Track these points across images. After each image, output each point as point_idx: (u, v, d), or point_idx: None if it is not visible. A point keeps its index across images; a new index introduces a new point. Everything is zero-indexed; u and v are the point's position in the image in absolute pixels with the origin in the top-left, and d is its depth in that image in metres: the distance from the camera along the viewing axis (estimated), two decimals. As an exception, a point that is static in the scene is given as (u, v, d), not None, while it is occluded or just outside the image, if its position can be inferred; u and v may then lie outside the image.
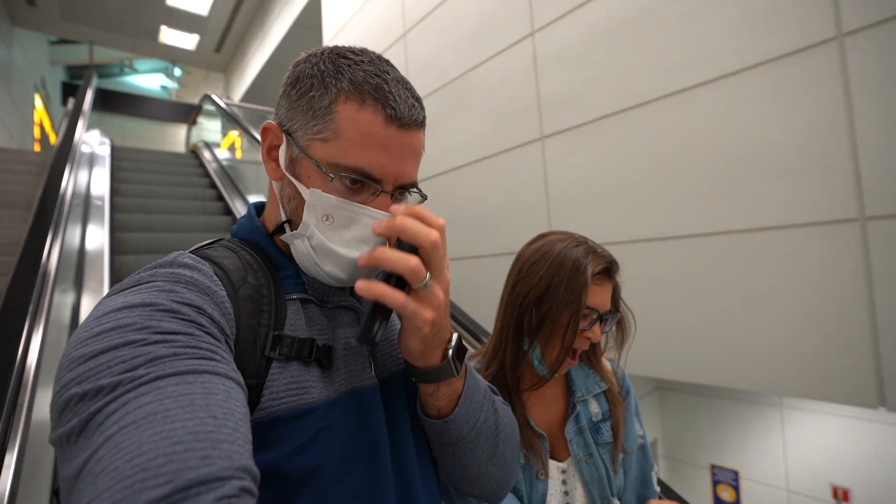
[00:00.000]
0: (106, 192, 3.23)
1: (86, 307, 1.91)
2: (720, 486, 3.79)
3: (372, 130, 0.45)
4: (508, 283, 0.81)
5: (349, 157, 0.46)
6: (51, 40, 9.63)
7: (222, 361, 0.37)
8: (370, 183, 0.47)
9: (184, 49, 8.29)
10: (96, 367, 0.32)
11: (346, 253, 0.47)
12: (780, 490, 3.54)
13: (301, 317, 0.48)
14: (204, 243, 0.51)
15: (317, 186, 0.47)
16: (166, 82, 12.11)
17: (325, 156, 0.46)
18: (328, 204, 0.46)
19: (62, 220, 2.18)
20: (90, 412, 0.30)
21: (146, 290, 0.39)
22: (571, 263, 0.74)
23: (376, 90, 0.45)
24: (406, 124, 0.47)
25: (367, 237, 0.47)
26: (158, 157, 5.03)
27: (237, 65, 8.51)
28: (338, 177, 0.46)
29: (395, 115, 0.46)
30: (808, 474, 3.41)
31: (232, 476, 0.28)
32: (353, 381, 0.49)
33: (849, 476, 3.23)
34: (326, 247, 0.47)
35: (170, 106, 10.64)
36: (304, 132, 0.48)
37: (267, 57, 6.89)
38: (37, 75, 8.80)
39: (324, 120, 0.46)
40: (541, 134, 2.51)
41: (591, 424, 0.80)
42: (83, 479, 0.28)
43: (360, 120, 0.45)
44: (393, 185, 0.48)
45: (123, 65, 11.16)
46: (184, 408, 0.30)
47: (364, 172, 0.46)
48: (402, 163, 0.48)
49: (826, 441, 3.35)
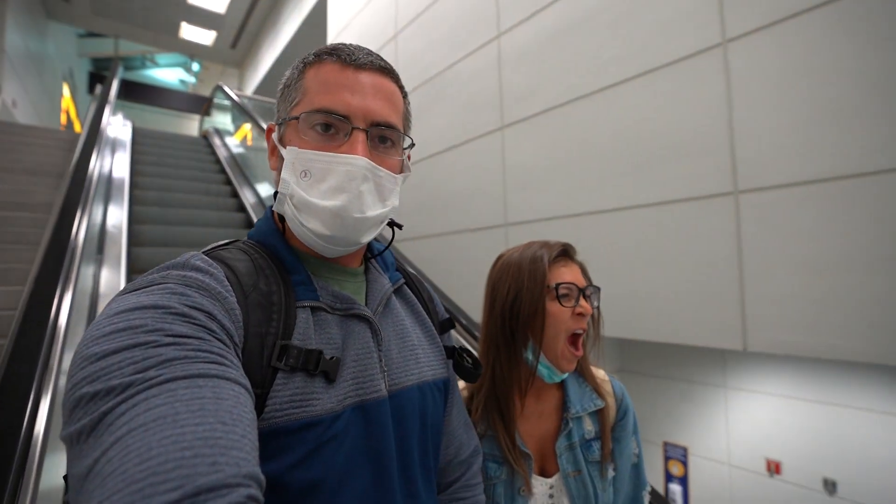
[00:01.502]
0: (127, 161, 3.68)
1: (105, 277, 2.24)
2: (671, 462, 4.07)
3: (330, 77, 0.49)
4: (486, 305, 0.83)
5: (314, 103, 0.49)
6: (79, 33, 10.24)
7: (232, 366, 0.37)
8: (340, 122, 0.49)
9: (202, 44, 8.80)
10: (108, 367, 0.32)
11: (323, 203, 0.47)
12: (723, 465, 3.82)
13: (311, 326, 0.47)
14: (219, 243, 0.51)
15: (296, 143, 0.49)
16: (184, 76, 12.69)
17: (296, 113, 0.50)
18: (304, 158, 0.48)
19: (92, 185, 2.58)
20: (101, 412, 0.31)
21: (158, 291, 0.39)
22: (529, 258, 0.78)
23: (333, 49, 0.51)
24: (362, 65, 0.50)
25: (341, 184, 0.48)
26: (173, 137, 5.50)
27: (251, 60, 9.01)
28: (304, 117, 0.48)
29: (349, 59, 0.50)
30: (747, 449, 3.69)
31: (240, 483, 0.28)
32: (360, 393, 0.48)
33: (780, 450, 3.51)
34: (306, 201, 0.48)
35: (186, 97, 11.20)
36: (283, 111, 0.52)
37: (278, 53, 7.34)
38: (66, 66, 9.40)
39: (295, 89, 0.51)
40: (501, 124, 2.86)
41: (582, 441, 0.79)
42: (92, 480, 0.28)
43: (321, 72, 0.50)
44: (364, 122, 0.49)
45: (145, 58, 11.76)
46: (193, 412, 0.30)
47: (328, 109, 0.48)
48: (367, 99, 0.49)
49: (762, 418, 3.63)
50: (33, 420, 0.99)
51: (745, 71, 1.81)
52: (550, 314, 0.75)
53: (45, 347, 1.19)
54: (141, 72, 12.49)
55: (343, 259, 0.55)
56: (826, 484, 3.31)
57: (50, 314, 1.33)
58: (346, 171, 0.48)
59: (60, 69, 8.88)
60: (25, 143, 4.04)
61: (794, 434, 3.46)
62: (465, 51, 3.18)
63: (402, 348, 0.55)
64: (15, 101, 5.97)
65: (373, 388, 0.49)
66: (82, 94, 10.56)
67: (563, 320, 0.75)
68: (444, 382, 0.60)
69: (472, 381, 0.61)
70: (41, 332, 1.23)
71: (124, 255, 2.40)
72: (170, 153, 4.76)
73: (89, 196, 2.28)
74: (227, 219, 3.66)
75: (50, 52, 7.96)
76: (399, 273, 0.63)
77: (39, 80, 7.29)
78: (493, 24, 2.95)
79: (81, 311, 1.70)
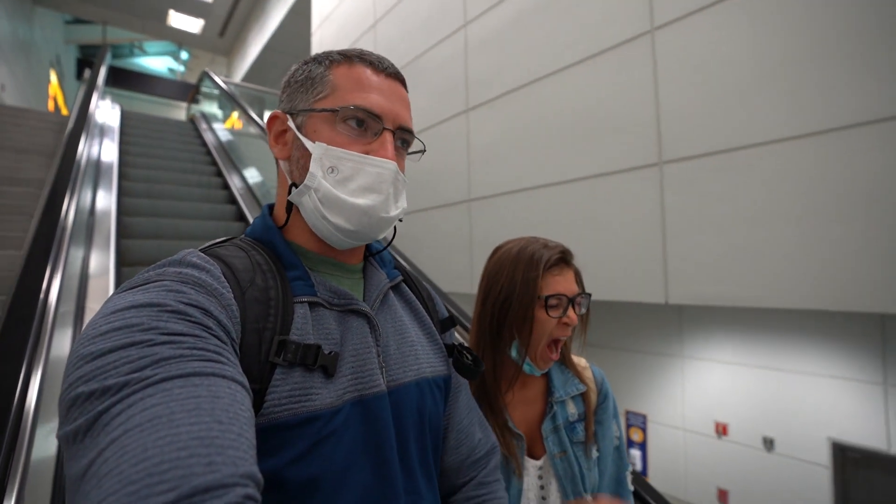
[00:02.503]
0: (116, 140, 3.84)
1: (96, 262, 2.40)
2: (632, 429, 4.36)
3: (364, 77, 0.51)
4: (479, 296, 0.86)
5: (349, 100, 0.50)
6: (66, 20, 10.25)
7: (228, 364, 0.37)
8: (372, 121, 0.51)
9: (190, 32, 8.87)
10: (103, 367, 0.32)
11: (352, 201, 0.49)
12: (678, 429, 4.11)
13: (309, 321, 0.48)
14: (216, 241, 0.52)
15: (324, 137, 0.50)
16: (173, 65, 12.71)
17: (328, 106, 0.51)
18: (333, 155, 0.49)
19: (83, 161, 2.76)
20: (96, 412, 0.31)
21: (154, 289, 0.39)
22: (526, 261, 0.80)
23: (361, 54, 0.53)
24: (392, 74, 0.53)
25: (371, 184, 0.50)
26: (161, 120, 5.64)
27: (239, 49, 9.10)
28: (342, 111, 0.50)
29: (381, 66, 0.53)
30: (699, 414, 3.98)
31: (236, 483, 0.28)
32: (360, 388, 0.48)
33: (728, 413, 3.80)
34: (333, 196, 0.49)
35: (173, 85, 11.26)
36: (305, 101, 0.52)
37: (265, 41, 7.47)
38: (53, 52, 9.42)
39: (322, 82, 0.52)
40: (466, 107, 3.07)
41: (566, 424, 0.82)
42: (88, 481, 0.28)
43: (353, 72, 0.52)
44: (393, 124, 0.52)
45: (133, 46, 11.77)
46: (189, 411, 0.30)
47: (365, 109, 0.50)
48: (395, 105, 0.52)
49: (713, 385, 3.92)
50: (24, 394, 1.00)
51: (669, 56, 2.04)
52: (537, 321, 0.78)
53: (35, 323, 1.20)
54: (129, 60, 12.50)
55: (344, 255, 0.55)
56: (765, 442, 3.61)
57: (40, 291, 1.35)
58: (378, 172, 0.50)
59: (47, 56, 8.91)
60: (15, 123, 4.18)
61: (739, 398, 3.75)
62: (435, 39, 3.39)
63: (400, 344, 0.55)
64: (4, 86, 6.06)
65: (372, 383, 0.49)
66: (69, 81, 10.57)
67: (548, 328, 0.78)
68: (444, 380, 0.60)
69: (473, 378, 0.61)
70: (31, 309, 1.25)
71: (113, 224, 2.59)
72: (157, 135, 4.91)
73: (80, 172, 2.46)
74: (211, 196, 3.85)
75: (37, 39, 8.01)
76: (397, 271, 0.64)
77: (27, 66, 7.35)
78: (461, 14, 3.16)
79: (71, 286, 1.78)
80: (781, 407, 3.51)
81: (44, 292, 1.37)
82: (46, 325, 1.30)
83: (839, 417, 3.27)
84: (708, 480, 3.91)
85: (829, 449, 3.32)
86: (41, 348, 1.20)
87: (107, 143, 3.74)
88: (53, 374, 1.19)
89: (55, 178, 2.28)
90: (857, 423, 3.19)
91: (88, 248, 2.33)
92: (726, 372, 3.85)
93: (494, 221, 2.87)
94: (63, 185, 2.17)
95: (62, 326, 1.47)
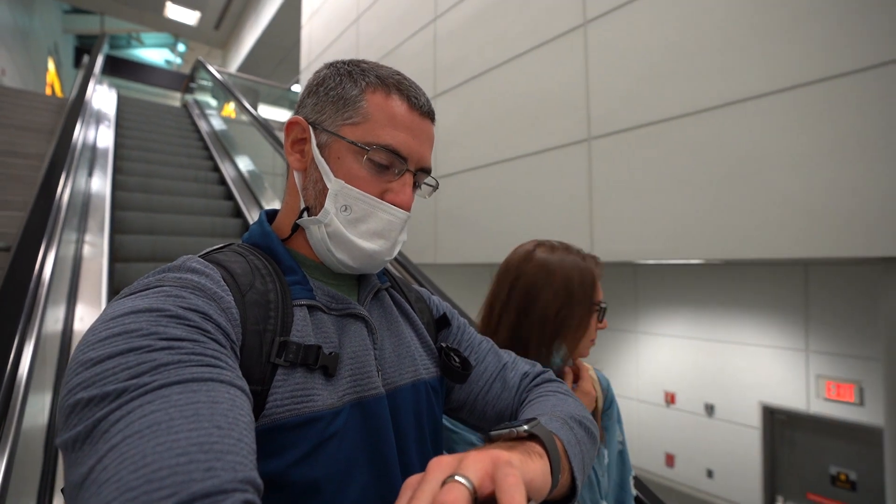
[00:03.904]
0: (112, 120, 4.12)
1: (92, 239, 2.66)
2: (592, 399, 4.67)
3: (399, 114, 0.51)
4: (518, 304, 0.82)
5: (380, 137, 0.50)
6: (64, 9, 10.46)
7: (227, 368, 0.37)
8: (397, 162, 0.51)
9: (186, 24, 9.12)
10: (102, 373, 0.33)
11: (360, 243, 0.50)
12: (632, 400, 4.43)
13: (308, 323, 0.48)
14: (214, 247, 0.52)
15: (347, 166, 0.50)
16: (170, 57, 12.93)
17: (357, 137, 0.50)
18: (349, 195, 0.50)
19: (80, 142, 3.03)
20: (95, 419, 0.31)
21: (154, 294, 0.39)
22: (579, 271, 0.80)
23: (399, 84, 0.52)
24: (425, 113, 0.53)
25: (381, 231, 0.51)
26: (155, 105, 5.90)
27: (234, 42, 9.36)
28: (371, 152, 0.49)
29: (417, 103, 0.52)
30: (651, 385, 4.30)
31: (235, 489, 0.28)
32: (359, 390, 0.49)
33: (675, 383, 4.13)
34: (342, 235, 0.50)
35: (169, 75, 11.50)
36: (333, 120, 0.51)
37: (258, 35, 7.74)
38: (51, 41, 9.63)
39: (354, 107, 0.51)
40: (434, 93, 3.37)
41: None
42: (88, 488, 0.28)
43: (389, 105, 0.51)
44: (416, 165, 0.53)
45: (131, 37, 11.99)
46: (188, 417, 0.31)
47: (394, 149, 0.50)
48: (423, 146, 0.53)
49: (663, 357, 4.24)
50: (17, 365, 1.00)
51: (598, 45, 2.35)
52: (590, 327, 0.80)
53: (29, 297, 1.23)
54: (127, 51, 12.71)
55: None
56: (707, 408, 3.94)
57: (34, 266, 1.39)
58: (389, 220, 0.51)
59: (46, 44, 9.13)
60: (17, 104, 4.44)
61: (686, 368, 4.07)
62: (409, 32, 3.69)
63: (396, 346, 0.56)
64: (4, 70, 6.30)
65: (370, 386, 0.50)
66: (67, 70, 10.78)
67: (592, 333, 0.82)
68: (439, 381, 0.61)
69: (461, 381, 0.61)
70: (26, 284, 1.28)
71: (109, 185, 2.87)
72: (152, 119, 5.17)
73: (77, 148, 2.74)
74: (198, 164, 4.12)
75: (36, 27, 8.23)
76: (386, 277, 0.65)
77: (26, 53, 7.57)
78: (432, 10, 3.46)
79: (66, 263, 1.84)
80: (721, 375, 3.84)
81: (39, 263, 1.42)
82: (39, 299, 1.33)
83: (769, 383, 3.60)
84: (657, 446, 4.23)
85: (759, 412, 3.65)
86: (34, 320, 1.23)
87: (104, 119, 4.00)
88: (46, 345, 1.25)
89: (55, 148, 2.55)
90: (784, 386, 3.51)
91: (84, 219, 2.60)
92: (675, 345, 4.18)
93: (456, 196, 3.17)
94: (62, 154, 2.44)
95: (54, 303, 1.50)
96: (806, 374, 3.40)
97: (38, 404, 1.15)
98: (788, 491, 3.57)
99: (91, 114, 3.78)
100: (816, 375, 3.33)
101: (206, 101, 6.07)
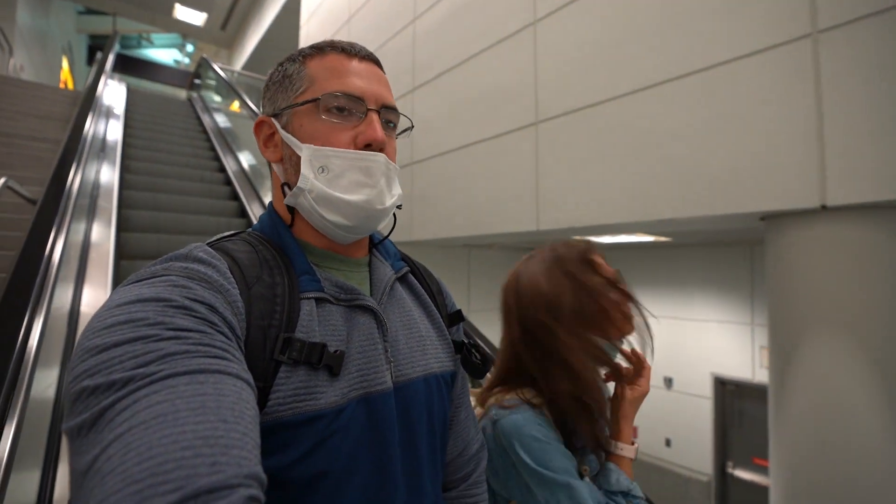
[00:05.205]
0: (122, 109, 4.52)
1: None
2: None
3: (338, 65, 0.53)
4: (552, 324, 0.74)
5: (327, 87, 0.51)
6: (78, 10, 10.95)
7: (234, 361, 0.37)
8: (355, 105, 0.51)
9: (194, 25, 9.56)
10: (108, 361, 0.33)
11: (346, 197, 0.50)
12: (601, 374, 4.72)
13: (315, 318, 0.48)
14: (223, 235, 0.52)
15: (311, 128, 0.51)
16: (179, 56, 13.41)
17: (309, 98, 0.52)
18: (321, 154, 0.50)
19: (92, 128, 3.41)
20: (101, 407, 0.31)
21: (160, 283, 0.39)
22: (576, 255, 0.77)
23: (332, 43, 0.55)
24: (364, 57, 0.55)
25: (363, 179, 0.51)
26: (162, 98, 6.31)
27: (239, 42, 9.79)
28: (323, 99, 0.50)
29: (352, 51, 0.54)
30: (617, 359, 4.59)
31: (240, 484, 0.28)
32: (365, 386, 0.49)
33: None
34: (327, 195, 0.50)
35: (176, 73, 11.98)
36: (286, 100, 0.53)
37: (261, 35, 8.14)
38: (65, 40, 10.12)
39: (299, 79, 0.53)
40: (413, 86, 3.71)
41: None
42: (92, 477, 0.28)
43: (326, 62, 0.53)
44: (376, 104, 0.53)
45: (141, 37, 12.47)
46: (194, 409, 0.30)
47: (345, 93, 0.51)
48: (373, 84, 0.53)
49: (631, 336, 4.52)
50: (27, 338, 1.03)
51: (545, 41, 2.68)
52: (608, 309, 0.75)
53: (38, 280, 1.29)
54: (137, 51, 13.20)
55: (349, 250, 0.56)
56: (666, 381, 4.22)
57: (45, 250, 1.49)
58: (367, 166, 0.51)
59: (60, 43, 9.61)
60: (36, 96, 4.84)
61: (647, 344, 4.36)
62: (393, 31, 4.04)
63: (408, 338, 0.56)
64: (22, 66, 6.74)
65: (378, 381, 0.50)
66: (79, 69, 11.26)
67: (620, 309, 0.77)
68: (451, 375, 0.60)
69: (480, 377, 0.61)
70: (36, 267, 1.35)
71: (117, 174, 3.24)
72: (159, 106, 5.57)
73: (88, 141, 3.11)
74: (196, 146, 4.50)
75: (52, 27, 8.70)
76: (403, 262, 0.64)
77: (42, 52, 8.03)
78: (412, 11, 3.81)
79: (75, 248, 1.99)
80: (678, 350, 4.13)
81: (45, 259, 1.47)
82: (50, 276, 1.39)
83: (719, 355, 3.89)
84: (622, 418, 4.51)
85: (711, 383, 3.94)
86: (44, 298, 1.26)
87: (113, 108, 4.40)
88: (53, 324, 1.31)
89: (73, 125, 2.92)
90: (733, 358, 3.80)
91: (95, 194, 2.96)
92: (639, 323, 4.46)
93: (429, 179, 3.50)
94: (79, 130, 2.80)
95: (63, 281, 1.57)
96: (752, 347, 3.69)
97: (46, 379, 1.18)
98: (738, 457, 3.86)
99: (101, 106, 4.17)
100: (760, 347, 3.61)
101: (210, 96, 6.47)
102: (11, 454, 0.89)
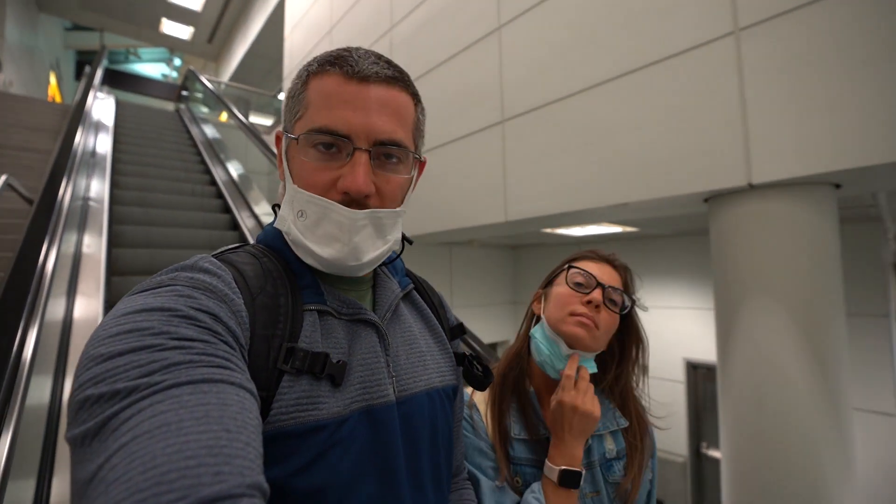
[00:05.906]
0: (111, 121, 4.65)
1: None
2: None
3: (333, 90, 0.48)
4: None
5: (315, 120, 0.48)
6: (66, 26, 11.08)
7: (237, 370, 0.37)
8: (342, 142, 0.47)
9: (181, 39, 9.73)
10: (113, 370, 0.33)
11: (316, 250, 0.49)
12: (582, 365, 4.88)
13: (317, 329, 0.48)
14: (228, 247, 0.52)
15: (299, 164, 0.49)
16: (166, 70, 13.55)
17: (300, 129, 0.49)
18: (301, 199, 0.49)
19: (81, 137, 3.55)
20: (105, 416, 0.31)
21: (165, 293, 0.40)
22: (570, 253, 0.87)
23: (337, 58, 0.49)
24: (366, 78, 0.48)
25: (335, 233, 0.48)
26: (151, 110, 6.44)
27: (225, 54, 9.97)
28: (302, 139, 0.48)
29: (352, 71, 0.48)
30: (596, 349, 4.75)
31: (243, 493, 0.29)
32: (367, 398, 0.48)
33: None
34: (301, 242, 0.49)
35: (164, 86, 12.11)
36: (289, 122, 0.52)
37: (248, 47, 8.33)
38: (53, 56, 10.24)
39: (299, 100, 0.50)
40: (391, 90, 3.89)
41: (602, 460, 0.78)
42: (96, 487, 0.28)
43: (323, 85, 0.49)
44: (367, 141, 0.48)
45: (129, 52, 12.61)
46: (198, 419, 0.31)
47: (328, 129, 0.47)
48: (370, 116, 0.48)
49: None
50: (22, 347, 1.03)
51: (509, 44, 2.87)
52: (562, 286, 0.80)
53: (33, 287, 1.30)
54: (125, 65, 13.33)
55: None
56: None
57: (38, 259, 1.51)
58: (339, 222, 0.48)
59: (48, 59, 9.73)
60: (27, 109, 4.97)
61: (624, 333, 4.53)
62: (371, 39, 4.23)
63: (409, 354, 0.56)
64: (12, 82, 6.85)
65: (380, 394, 0.50)
66: (67, 84, 11.37)
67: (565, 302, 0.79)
68: (452, 389, 0.61)
69: (482, 388, 0.62)
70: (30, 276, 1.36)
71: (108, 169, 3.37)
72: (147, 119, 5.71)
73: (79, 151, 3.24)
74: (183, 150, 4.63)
75: (39, 43, 8.82)
76: (408, 279, 0.64)
77: (30, 67, 8.14)
78: (388, 20, 4.01)
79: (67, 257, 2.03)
80: (652, 337, 4.28)
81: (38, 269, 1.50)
82: (44, 284, 1.40)
83: (690, 340, 4.06)
84: (603, 406, 4.66)
85: (683, 367, 4.11)
86: (38, 306, 1.26)
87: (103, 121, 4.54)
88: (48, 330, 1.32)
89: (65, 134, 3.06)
90: (702, 343, 3.98)
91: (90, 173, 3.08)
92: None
93: (408, 178, 3.67)
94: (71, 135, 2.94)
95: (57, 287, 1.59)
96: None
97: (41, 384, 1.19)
98: (711, 437, 4.02)
99: (90, 119, 4.31)
100: (728, 330, 3.80)
101: (197, 108, 6.61)
102: (8, 463, 0.89)
